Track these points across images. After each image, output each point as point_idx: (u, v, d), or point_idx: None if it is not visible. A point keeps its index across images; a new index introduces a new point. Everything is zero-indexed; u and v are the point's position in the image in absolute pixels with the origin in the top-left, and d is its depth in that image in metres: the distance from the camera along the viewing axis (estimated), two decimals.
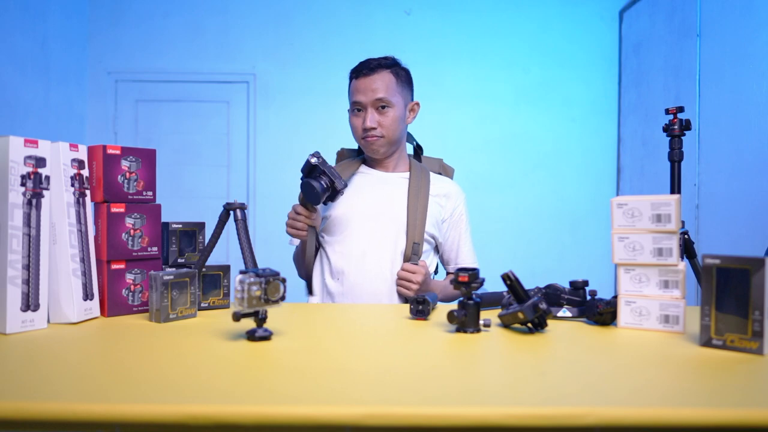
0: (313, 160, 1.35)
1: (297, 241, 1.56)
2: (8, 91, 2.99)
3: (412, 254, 1.49)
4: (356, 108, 1.54)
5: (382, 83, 1.50)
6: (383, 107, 1.51)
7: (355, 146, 1.69)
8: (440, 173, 1.69)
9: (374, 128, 1.51)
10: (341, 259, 1.51)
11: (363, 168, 1.63)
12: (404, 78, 1.56)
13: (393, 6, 3.84)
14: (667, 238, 0.95)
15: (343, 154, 1.72)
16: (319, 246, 1.58)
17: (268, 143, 3.81)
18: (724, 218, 2.63)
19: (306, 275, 1.59)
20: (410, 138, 1.66)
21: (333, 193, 1.38)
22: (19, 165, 0.92)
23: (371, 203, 1.54)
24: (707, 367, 0.74)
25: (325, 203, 1.43)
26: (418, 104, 1.61)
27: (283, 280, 0.88)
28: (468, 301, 0.94)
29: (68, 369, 0.72)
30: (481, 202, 3.76)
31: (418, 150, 1.70)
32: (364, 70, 1.52)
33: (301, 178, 1.39)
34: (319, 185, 1.34)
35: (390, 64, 1.54)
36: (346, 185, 1.40)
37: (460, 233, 1.61)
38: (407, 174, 1.59)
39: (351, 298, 1.48)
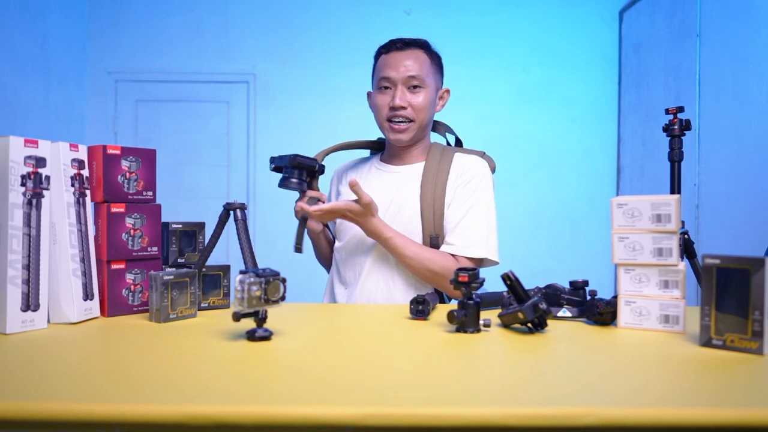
0: (272, 167, 1.30)
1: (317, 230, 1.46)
2: (8, 91, 2.99)
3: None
4: (383, 85, 1.38)
5: (416, 60, 1.36)
6: (415, 87, 1.36)
7: (371, 137, 1.57)
8: None
9: (404, 108, 1.35)
10: (345, 268, 1.44)
11: (377, 163, 1.49)
12: (437, 61, 1.44)
13: (393, 6, 3.84)
14: (667, 238, 0.95)
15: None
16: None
17: (268, 143, 3.81)
18: (724, 218, 2.63)
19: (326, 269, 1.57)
20: (449, 129, 1.53)
21: (308, 173, 1.30)
22: (19, 165, 0.92)
23: (377, 204, 1.37)
24: (707, 367, 0.74)
25: (310, 184, 1.33)
26: (448, 91, 1.47)
27: (283, 280, 0.88)
28: (468, 301, 0.94)
29: (68, 369, 0.72)
30: None
31: (458, 144, 1.53)
32: (397, 44, 1.38)
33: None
34: (291, 185, 1.28)
35: (424, 44, 1.41)
36: (296, 157, 1.27)
37: (459, 206, 1.36)
38: (424, 162, 1.42)
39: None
